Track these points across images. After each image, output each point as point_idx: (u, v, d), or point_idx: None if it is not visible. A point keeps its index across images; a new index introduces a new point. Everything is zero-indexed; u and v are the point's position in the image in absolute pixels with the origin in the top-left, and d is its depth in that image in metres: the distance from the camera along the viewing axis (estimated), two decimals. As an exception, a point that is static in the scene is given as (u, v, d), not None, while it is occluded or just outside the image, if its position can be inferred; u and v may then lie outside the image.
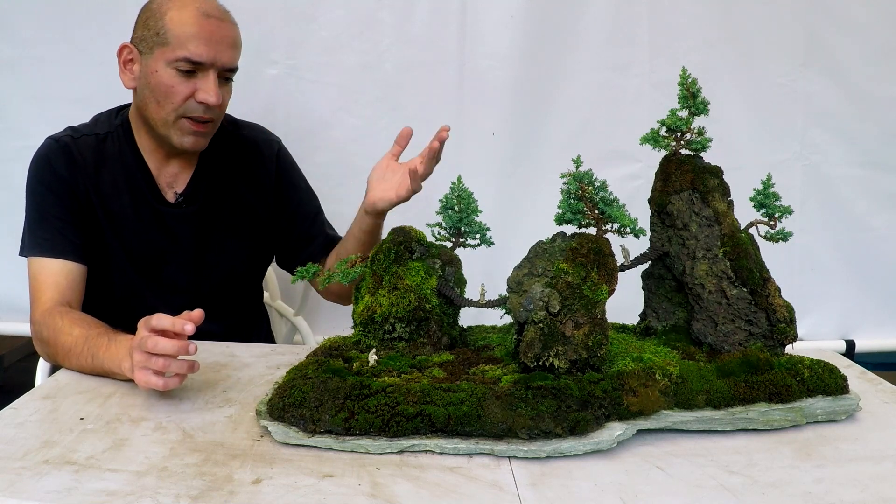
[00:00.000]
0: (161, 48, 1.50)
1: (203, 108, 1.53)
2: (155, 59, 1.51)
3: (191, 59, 1.49)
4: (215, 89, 1.51)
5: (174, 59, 1.49)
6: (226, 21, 1.54)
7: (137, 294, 1.64)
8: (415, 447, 1.06)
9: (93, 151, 1.59)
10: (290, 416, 1.09)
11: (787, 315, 1.21)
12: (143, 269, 1.64)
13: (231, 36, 1.54)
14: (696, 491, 0.98)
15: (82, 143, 1.59)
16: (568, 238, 1.19)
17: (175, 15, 1.49)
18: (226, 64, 1.53)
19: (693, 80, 1.22)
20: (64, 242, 1.54)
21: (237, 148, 1.71)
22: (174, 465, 1.01)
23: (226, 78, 1.57)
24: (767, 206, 1.24)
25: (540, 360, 1.10)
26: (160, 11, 1.51)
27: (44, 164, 1.57)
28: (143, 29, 1.53)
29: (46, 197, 1.56)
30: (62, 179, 1.56)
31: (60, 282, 1.50)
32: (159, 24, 1.50)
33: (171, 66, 1.50)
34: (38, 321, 1.46)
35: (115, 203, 1.60)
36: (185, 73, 1.50)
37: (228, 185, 1.69)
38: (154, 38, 1.50)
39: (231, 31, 1.55)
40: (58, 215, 1.55)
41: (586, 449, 1.06)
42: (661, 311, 1.32)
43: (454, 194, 1.27)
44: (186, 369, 1.19)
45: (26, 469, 0.98)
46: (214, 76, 1.52)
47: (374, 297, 1.23)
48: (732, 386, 1.15)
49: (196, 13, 1.49)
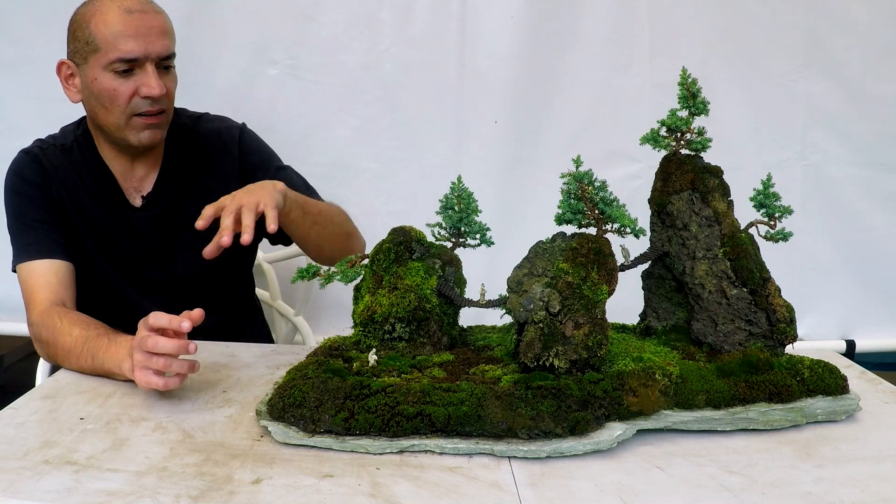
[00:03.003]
0: (94, 55, 1.51)
1: (150, 102, 1.53)
2: (91, 67, 1.51)
3: (124, 59, 1.49)
4: (156, 81, 1.52)
5: (108, 62, 1.50)
6: (149, 12, 1.53)
7: (122, 292, 1.65)
8: (415, 447, 1.06)
9: (60, 160, 1.61)
10: (290, 416, 1.09)
11: (787, 315, 1.21)
12: (122, 269, 1.66)
13: (158, 25, 1.53)
14: (696, 491, 0.98)
15: (50, 153, 1.62)
16: (568, 238, 1.19)
17: (99, 19, 1.50)
18: (160, 53, 1.53)
19: (693, 80, 1.21)
20: (49, 242, 1.55)
21: (199, 141, 1.71)
22: (174, 465, 1.01)
23: (165, 67, 1.56)
24: (767, 206, 1.24)
25: (540, 360, 1.10)
26: (84, 20, 1.52)
27: (16, 175, 1.60)
28: (74, 41, 1.54)
29: (24, 204, 1.58)
30: (36, 185, 1.58)
31: (52, 281, 1.51)
32: (86, 32, 1.50)
33: (107, 70, 1.50)
34: (35, 322, 1.46)
35: (87, 209, 1.62)
36: (122, 73, 1.50)
37: (193, 180, 1.68)
38: (85, 47, 1.51)
39: (156, 20, 1.54)
40: (38, 218, 1.57)
41: (586, 449, 1.06)
42: (661, 311, 1.32)
43: (454, 194, 1.27)
44: (187, 369, 1.20)
45: (26, 469, 0.98)
46: (152, 68, 1.52)
47: (374, 297, 1.23)
48: (732, 386, 1.15)
49: (118, 12, 1.50)
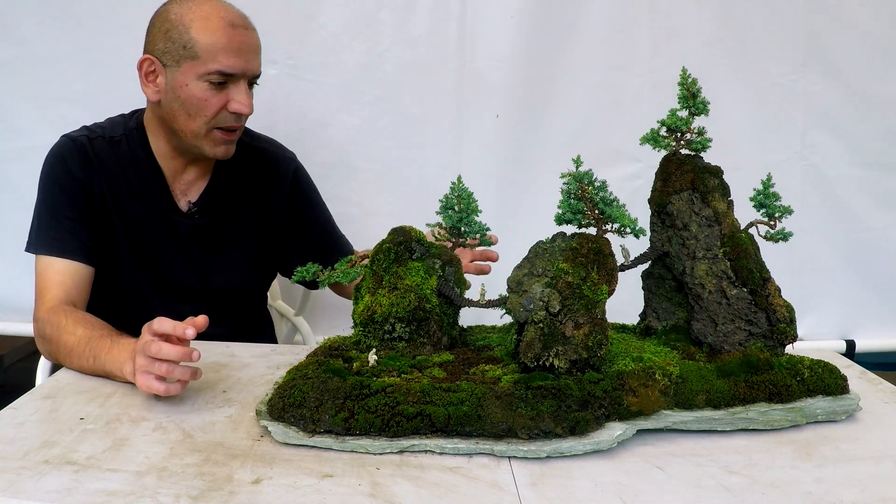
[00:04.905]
0: (190, 62, 1.47)
1: (235, 118, 1.53)
2: (184, 73, 1.48)
3: (224, 72, 1.48)
4: (248, 100, 1.52)
5: (206, 73, 1.47)
6: (250, 28, 1.54)
7: (146, 297, 1.64)
8: (415, 447, 1.06)
9: (107, 153, 1.58)
10: (290, 416, 1.09)
11: (787, 315, 1.21)
12: (152, 273, 1.63)
13: (256, 43, 1.54)
14: (696, 491, 0.98)
15: (97, 143, 1.58)
16: (568, 238, 1.19)
17: (202, 27, 1.47)
18: (255, 72, 1.54)
19: (693, 80, 1.21)
20: (74, 243, 1.53)
21: (253, 161, 1.71)
22: (174, 465, 1.01)
23: (251, 84, 1.56)
24: (767, 206, 1.24)
25: (540, 360, 1.10)
26: (183, 23, 1.48)
27: (59, 162, 1.55)
28: (166, 41, 1.49)
29: (59, 196, 1.55)
30: (76, 179, 1.54)
31: (66, 282, 1.50)
32: (185, 36, 1.47)
33: (202, 80, 1.48)
34: (41, 318, 1.46)
35: (128, 207, 1.59)
36: (216, 84, 1.49)
37: (240, 197, 1.68)
38: (181, 51, 1.48)
39: (255, 38, 1.54)
40: (69, 215, 1.54)
41: (586, 449, 1.06)
42: (661, 311, 1.32)
43: (454, 194, 1.27)
44: (189, 376, 1.19)
45: (26, 469, 0.98)
46: (245, 85, 1.52)
47: (374, 297, 1.23)
48: (732, 386, 1.15)
49: (223, 24, 1.48)
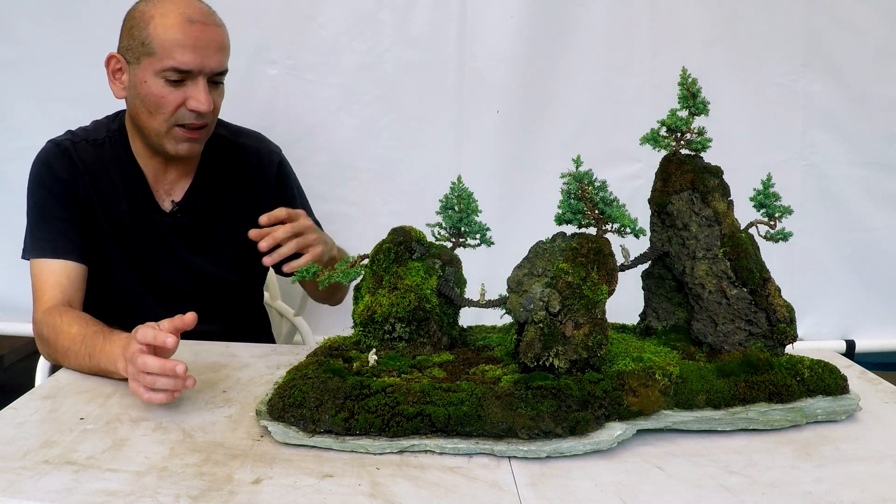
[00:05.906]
0: (148, 58, 1.48)
1: (195, 116, 1.51)
2: (143, 70, 1.49)
3: (178, 69, 1.47)
4: (206, 96, 1.49)
5: (161, 69, 1.47)
6: (210, 24, 1.50)
7: (139, 297, 1.64)
8: (415, 447, 1.06)
9: (91, 156, 1.59)
10: (290, 416, 1.09)
11: (787, 315, 1.21)
12: (142, 273, 1.64)
13: (217, 39, 1.51)
14: (696, 491, 0.98)
15: (81, 147, 1.59)
16: (568, 238, 1.19)
17: (159, 23, 1.47)
18: (214, 69, 1.51)
19: (693, 80, 1.21)
20: (65, 243, 1.53)
21: (237, 157, 1.70)
22: (174, 465, 1.01)
23: (215, 82, 1.54)
24: (767, 206, 1.24)
25: (540, 360, 1.10)
26: (143, 20, 1.48)
27: (44, 166, 1.57)
28: (129, 38, 1.51)
29: (47, 199, 1.56)
30: (62, 181, 1.55)
31: (62, 281, 1.50)
32: (143, 33, 1.48)
33: (159, 76, 1.48)
34: (39, 320, 1.47)
35: (114, 208, 1.60)
36: (173, 82, 1.48)
37: (226, 194, 1.68)
38: (140, 47, 1.48)
39: (216, 34, 1.51)
40: (58, 216, 1.55)
41: (586, 449, 1.05)
42: (661, 311, 1.32)
43: (454, 194, 1.27)
44: (174, 386, 1.15)
45: (26, 469, 0.98)
46: (204, 83, 1.50)
47: (374, 297, 1.23)
48: (732, 386, 1.15)
49: (180, 19, 1.46)
